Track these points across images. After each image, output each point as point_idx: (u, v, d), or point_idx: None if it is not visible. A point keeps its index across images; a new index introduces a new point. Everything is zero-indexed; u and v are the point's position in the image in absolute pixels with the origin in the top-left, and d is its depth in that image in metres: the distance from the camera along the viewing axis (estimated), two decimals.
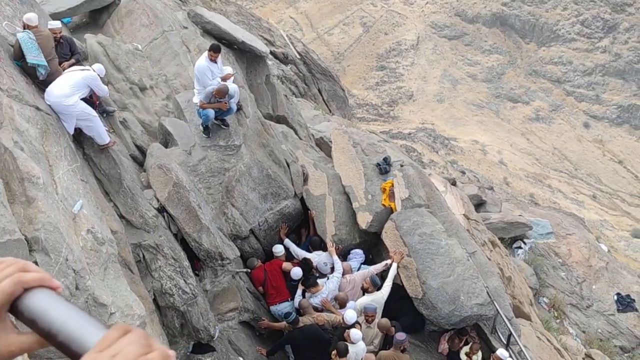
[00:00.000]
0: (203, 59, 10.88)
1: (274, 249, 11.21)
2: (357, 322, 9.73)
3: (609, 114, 64.72)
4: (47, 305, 0.93)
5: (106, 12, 13.30)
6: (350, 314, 9.50)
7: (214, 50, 11.05)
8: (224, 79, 10.83)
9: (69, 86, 8.73)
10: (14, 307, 1.01)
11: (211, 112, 10.58)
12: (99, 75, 9.34)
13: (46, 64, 8.92)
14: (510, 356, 9.97)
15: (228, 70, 11.40)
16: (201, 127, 10.99)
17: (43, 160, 8.05)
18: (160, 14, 13.27)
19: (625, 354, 12.57)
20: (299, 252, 11.18)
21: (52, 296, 0.95)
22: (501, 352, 9.73)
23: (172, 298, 9.26)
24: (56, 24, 10.36)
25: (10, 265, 1.03)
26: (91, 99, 9.80)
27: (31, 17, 9.28)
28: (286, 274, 10.90)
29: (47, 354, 6.09)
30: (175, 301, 9.28)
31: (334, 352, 9.17)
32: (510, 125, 60.52)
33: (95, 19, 13.74)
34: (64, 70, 9.42)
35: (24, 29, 9.08)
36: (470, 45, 66.91)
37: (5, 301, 1.00)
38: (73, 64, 9.96)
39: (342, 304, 10.46)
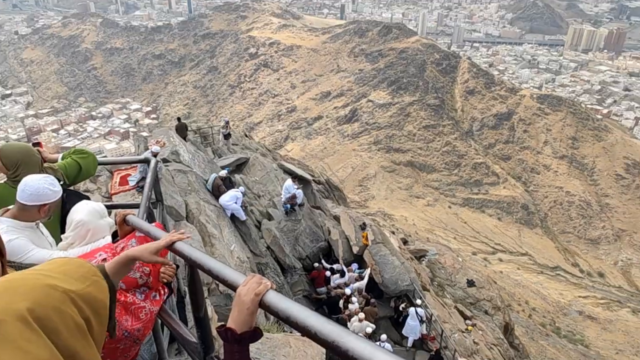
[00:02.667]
0: (289, 182, 13.67)
1: (315, 265, 13.00)
2: (352, 294, 11.53)
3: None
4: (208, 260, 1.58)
5: (243, 164, 16.74)
6: (348, 292, 11.65)
7: (293, 178, 14.36)
8: (291, 199, 13.49)
9: (229, 196, 11.69)
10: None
11: (288, 205, 13.57)
12: (241, 192, 12.14)
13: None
14: (420, 306, 11.84)
15: (299, 191, 13.66)
16: (284, 211, 13.56)
17: (217, 227, 10.50)
18: (266, 165, 16.72)
19: (472, 305, 16.51)
20: (327, 266, 12.93)
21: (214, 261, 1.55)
22: (416, 307, 11.36)
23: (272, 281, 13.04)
24: (224, 172, 12.86)
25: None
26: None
27: (223, 174, 12.53)
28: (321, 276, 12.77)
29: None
30: (273, 282, 13.13)
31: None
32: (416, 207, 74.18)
33: (239, 167, 16.62)
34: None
35: (222, 181, 12.12)
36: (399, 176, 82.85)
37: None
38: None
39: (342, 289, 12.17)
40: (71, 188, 3.23)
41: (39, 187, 2.31)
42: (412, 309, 11.14)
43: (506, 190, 78.32)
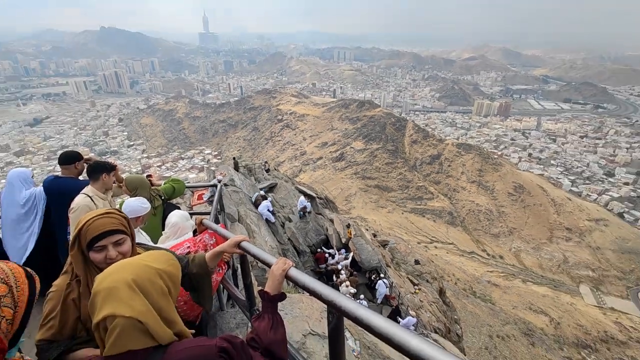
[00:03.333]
0: (302, 198, 13.65)
1: (318, 250, 12.40)
2: (341, 269, 11.15)
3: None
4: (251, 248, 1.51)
5: (274, 187, 15.91)
6: (339, 267, 11.32)
7: (305, 196, 14.51)
8: (304, 209, 13.20)
9: (262, 206, 11.17)
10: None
11: (301, 212, 13.16)
12: (270, 202, 11.52)
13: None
14: (385, 277, 11.21)
15: (308, 203, 13.40)
16: (299, 216, 13.11)
17: (257, 226, 9.89)
18: (288, 187, 16.18)
19: (418, 277, 16.03)
20: (326, 251, 12.44)
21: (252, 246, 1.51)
22: (382, 279, 10.80)
23: (291, 260, 10.25)
24: (262, 192, 12.64)
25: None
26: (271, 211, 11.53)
27: (262, 193, 12.27)
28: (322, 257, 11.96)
29: None
30: (292, 261, 10.79)
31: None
32: (385, 213, 73.75)
33: (271, 188, 15.65)
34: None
35: (264, 199, 11.47)
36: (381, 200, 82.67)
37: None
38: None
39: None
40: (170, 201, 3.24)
41: (134, 205, 2.34)
42: (380, 281, 10.84)
43: (438, 202, 77.97)
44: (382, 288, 10.65)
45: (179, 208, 2.92)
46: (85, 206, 2.51)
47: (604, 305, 48.59)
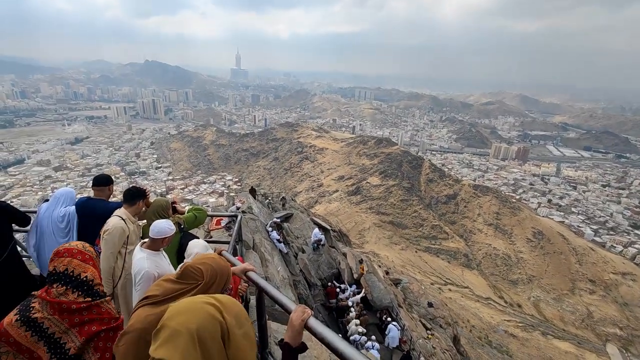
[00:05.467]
0: (317, 230, 13.29)
1: (329, 284, 11.84)
2: (352, 306, 10.79)
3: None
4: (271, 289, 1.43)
5: (290, 217, 15.81)
6: (350, 304, 10.82)
7: (319, 228, 14.05)
8: (318, 241, 12.87)
9: (273, 235, 10.76)
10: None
11: (315, 244, 12.83)
12: (276, 234, 10.85)
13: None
14: (397, 320, 10.97)
15: (322, 235, 13.00)
16: (312, 248, 12.87)
17: (271, 255, 9.40)
18: (303, 218, 16.03)
19: (431, 320, 14.86)
20: (337, 285, 11.87)
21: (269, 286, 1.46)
22: (393, 323, 10.29)
23: (302, 292, 10.15)
24: (275, 219, 12.16)
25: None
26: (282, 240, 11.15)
27: (275, 220, 13.36)
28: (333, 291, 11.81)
29: None
30: (302, 293, 10.10)
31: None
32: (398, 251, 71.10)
33: (287, 218, 15.37)
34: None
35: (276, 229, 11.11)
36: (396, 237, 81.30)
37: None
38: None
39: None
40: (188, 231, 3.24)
41: (162, 227, 2.36)
42: (391, 325, 10.23)
43: (453, 243, 75.10)
44: (394, 332, 10.02)
45: (197, 237, 2.92)
46: (120, 228, 2.58)
47: None
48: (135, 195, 2.81)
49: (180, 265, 2.56)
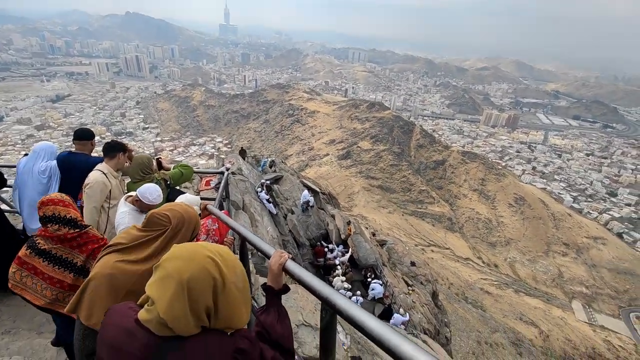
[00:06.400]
0: (306, 192, 13.18)
1: (318, 244, 12.29)
2: (338, 265, 11.13)
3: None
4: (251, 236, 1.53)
5: (280, 179, 15.63)
6: (337, 262, 11.23)
7: (309, 190, 13.67)
8: (307, 202, 12.90)
9: (262, 196, 11.00)
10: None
11: (304, 206, 12.84)
12: (265, 193, 11.21)
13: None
14: (380, 277, 11.34)
15: (312, 198, 12.99)
16: (301, 209, 12.81)
17: (260, 215, 9.64)
18: (293, 180, 15.98)
19: (413, 278, 15.84)
20: (325, 245, 12.36)
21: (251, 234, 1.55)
22: (377, 281, 10.81)
23: (290, 251, 10.25)
24: (263, 180, 12.31)
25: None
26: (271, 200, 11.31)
27: (263, 181, 12.26)
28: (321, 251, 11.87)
29: None
30: (291, 252, 10.01)
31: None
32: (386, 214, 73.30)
33: (277, 180, 15.17)
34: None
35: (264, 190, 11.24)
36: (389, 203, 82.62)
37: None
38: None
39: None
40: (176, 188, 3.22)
41: (152, 191, 2.30)
42: (375, 283, 10.78)
43: (438, 208, 77.51)
44: (377, 290, 10.54)
45: (183, 193, 2.90)
46: (101, 182, 2.54)
47: (595, 322, 48.06)
48: (114, 148, 2.74)
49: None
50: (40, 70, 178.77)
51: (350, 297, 9.47)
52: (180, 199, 2.55)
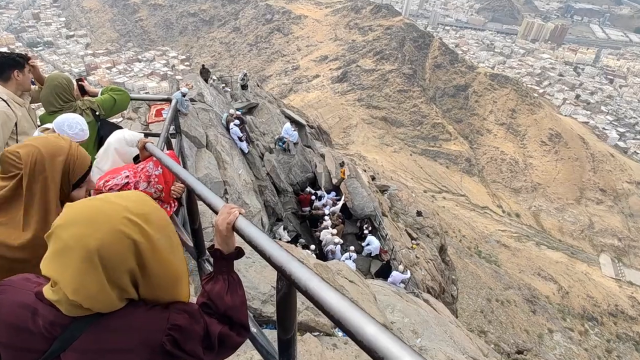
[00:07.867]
0: (288, 125, 13.34)
1: (305, 189, 12.72)
2: (327, 215, 11.53)
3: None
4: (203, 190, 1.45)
5: (254, 107, 15.87)
6: (326, 212, 11.65)
7: (292, 122, 14.30)
8: (281, 139, 12.94)
9: (232, 131, 11.11)
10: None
11: (281, 143, 12.90)
12: (237, 127, 11.21)
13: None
14: (379, 228, 12.04)
15: (295, 133, 13.26)
16: (282, 149, 12.99)
17: (230, 155, 10.12)
18: (272, 110, 16.13)
19: (419, 230, 16.48)
20: (313, 192, 12.69)
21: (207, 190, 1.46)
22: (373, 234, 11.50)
23: (269, 199, 11.21)
24: (232, 110, 12.63)
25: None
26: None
27: (232, 112, 12.76)
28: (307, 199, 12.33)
29: None
30: (270, 200, 11.21)
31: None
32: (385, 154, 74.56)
33: (251, 110, 15.80)
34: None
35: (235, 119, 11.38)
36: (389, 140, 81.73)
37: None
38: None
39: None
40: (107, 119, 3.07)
41: (71, 123, 2.18)
42: (371, 237, 11.23)
43: (455, 146, 78.61)
44: (372, 245, 11.05)
45: (120, 127, 2.76)
46: (2, 112, 2.37)
47: (622, 277, 52.82)
48: (3, 65, 2.49)
49: None
50: None
51: (341, 255, 9.94)
52: (114, 135, 2.44)
